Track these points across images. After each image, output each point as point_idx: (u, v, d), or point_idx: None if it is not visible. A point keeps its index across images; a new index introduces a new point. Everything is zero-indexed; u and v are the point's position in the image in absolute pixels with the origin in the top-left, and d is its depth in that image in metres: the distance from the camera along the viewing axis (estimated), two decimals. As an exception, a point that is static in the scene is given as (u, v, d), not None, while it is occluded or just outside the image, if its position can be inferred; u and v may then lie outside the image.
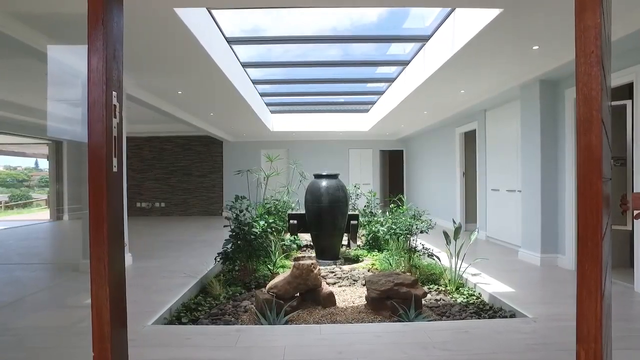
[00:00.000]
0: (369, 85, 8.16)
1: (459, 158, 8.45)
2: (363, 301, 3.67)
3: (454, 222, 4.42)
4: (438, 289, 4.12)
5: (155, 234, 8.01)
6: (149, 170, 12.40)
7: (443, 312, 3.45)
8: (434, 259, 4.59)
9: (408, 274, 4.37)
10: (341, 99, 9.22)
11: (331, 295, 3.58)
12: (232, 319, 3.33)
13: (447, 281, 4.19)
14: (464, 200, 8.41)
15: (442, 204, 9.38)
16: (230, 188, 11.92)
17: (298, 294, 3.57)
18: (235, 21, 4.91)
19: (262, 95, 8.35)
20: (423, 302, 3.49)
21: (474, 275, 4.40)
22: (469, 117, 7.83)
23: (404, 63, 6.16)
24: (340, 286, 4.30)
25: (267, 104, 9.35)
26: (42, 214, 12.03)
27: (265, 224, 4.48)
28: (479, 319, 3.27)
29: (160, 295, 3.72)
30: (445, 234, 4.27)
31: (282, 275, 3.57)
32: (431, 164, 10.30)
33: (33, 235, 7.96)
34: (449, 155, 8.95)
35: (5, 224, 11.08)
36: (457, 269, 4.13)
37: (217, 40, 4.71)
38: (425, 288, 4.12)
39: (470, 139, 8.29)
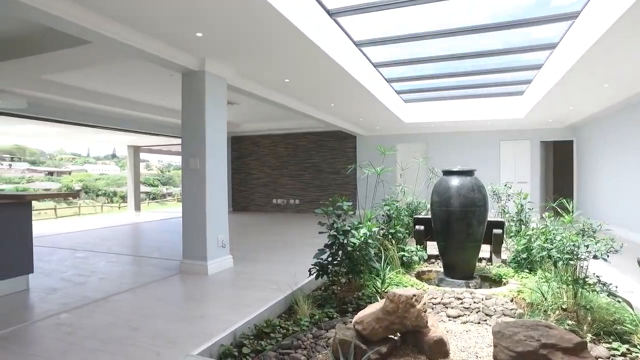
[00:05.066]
0: (524, 57, 6.40)
1: (665, 147, 5.98)
2: (490, 356, 2.48)
3: (659, 246, 2.76)
4: (628, 352, 2.58)
5: (273, 233, 7.84)
6: (284, 167, 12.68)
7: (636, 404, 2.04)
8: (618, 301, 3.00)
9: (570, 323, 2.91)
10: (488, 78, 7.55)
11: (441, 343, 2.51)
12: (303, 357, 2.57)
13: (644, 340, 2.62)
14: (672, 207, 5.92)
15: (632, 211, 6.87)
16: (365, 185, 11.26)
17: (398, 335, 2.62)
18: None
19: (390, 81, 7.38)
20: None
21: (699, 335, 2.68)
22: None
23: (572, 16, 4.45)
24: (464, 322, 3.15)
25: (398, 92, 8.32)
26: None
27: (367, 233, 3.59)
28: None
29: (234, 312, 3.22)
30: (642, 265, 2.69)
31: (373, 307, 2.66)
32: (614, 157, 7.71)
33: (173, 228, 8.69)
34: (647, 143, 6.46)
35: (167, 214, 12.72)
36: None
37: (311, 12, 4.01)
38: (604, 346, 2.64)
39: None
